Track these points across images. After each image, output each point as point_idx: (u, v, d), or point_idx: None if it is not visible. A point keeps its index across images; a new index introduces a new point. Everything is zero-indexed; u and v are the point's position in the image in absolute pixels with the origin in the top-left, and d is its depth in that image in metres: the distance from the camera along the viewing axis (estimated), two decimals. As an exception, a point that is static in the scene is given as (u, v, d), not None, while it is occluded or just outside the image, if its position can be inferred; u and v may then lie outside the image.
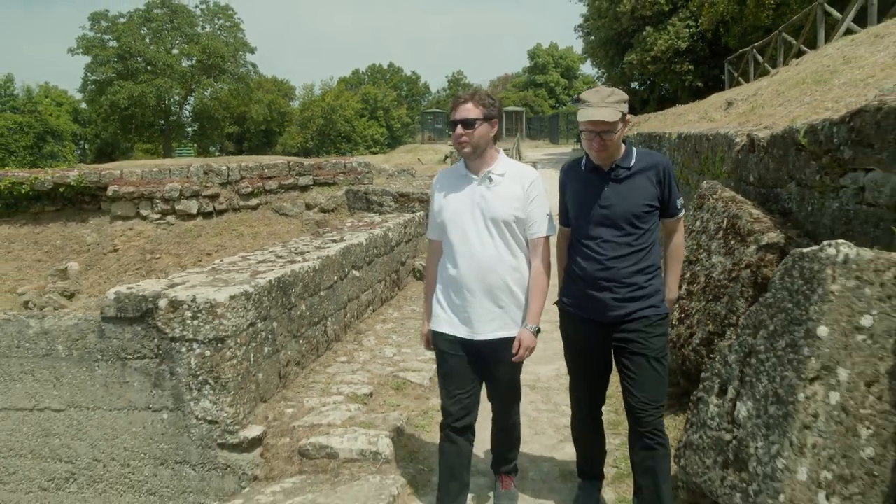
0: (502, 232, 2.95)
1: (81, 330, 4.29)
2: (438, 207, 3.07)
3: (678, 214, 3.02)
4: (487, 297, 2.95)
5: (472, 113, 2.88)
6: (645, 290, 2.89)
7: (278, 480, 3.84)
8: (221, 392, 4.05)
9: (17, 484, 4.63)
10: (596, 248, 2.89)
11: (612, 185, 2.88)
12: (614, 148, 2.82)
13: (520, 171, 3.05)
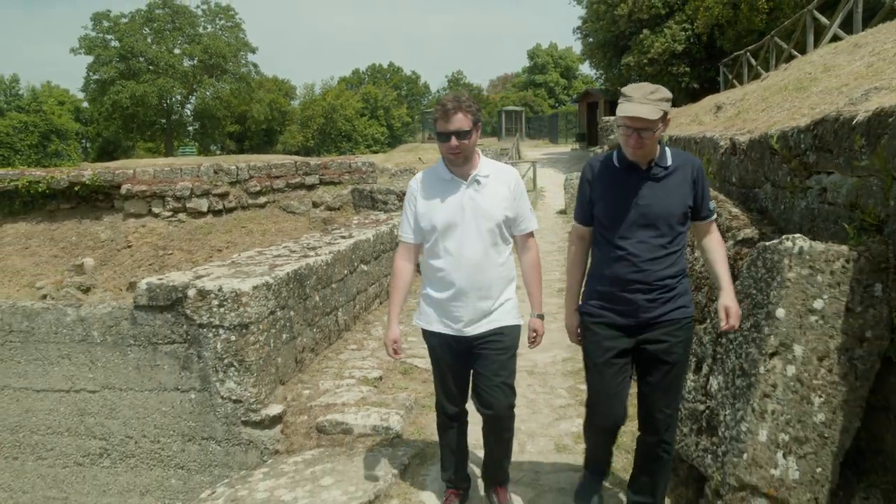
0: (492, 232, 3.02)
1: (115, 317, 4.67)
2: (424, 211, 3.06)
3: (711, 217, 2.93)
4: (479, 295, 3.02)
5: (465, 123, 2.92)
6: (675, 291, 2.83)
7: (299, 453, 4.22)
8: (245, 374, 4.43)
9: (54, 459, 5.01)
10: (629, 248, 2.78)
11: (650, 184, 2.77)
12: (652, 146, 2.72)
13: (502, 171, 3.13)
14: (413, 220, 3.12)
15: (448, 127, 2.91)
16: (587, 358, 3.03)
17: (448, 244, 3.01)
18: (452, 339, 3.08)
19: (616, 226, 2.81)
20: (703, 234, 2.95)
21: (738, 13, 18.12)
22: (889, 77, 5.05)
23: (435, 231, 3.02)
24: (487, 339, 3.05)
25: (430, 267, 3.11)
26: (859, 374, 2.90)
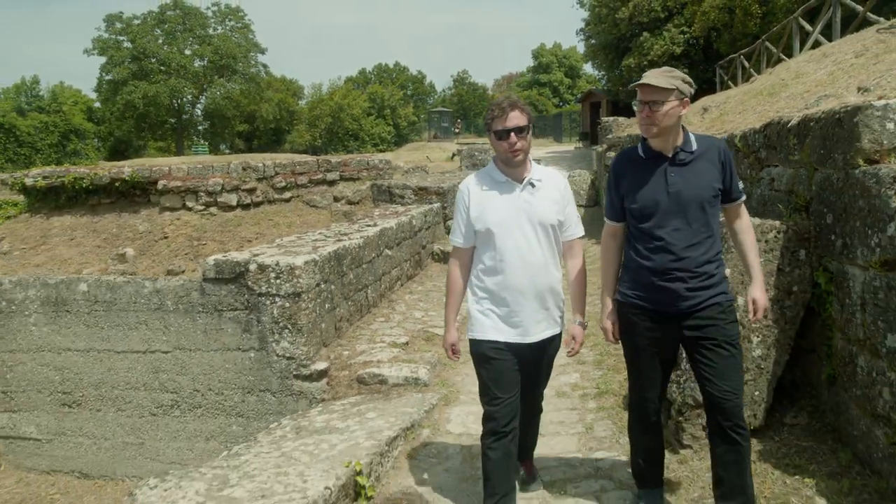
0: (548, 236, 2.98)
1: (186, 289, 5.57)
2: (478, 214, 2.99)
3: (741, 198, 2.93)
4: (538, 300, 2.97)
5: (523, 120, 2.90)
6: (714, 278, 2.81)
7: (344, 398, 5.11)
8: (297, 335, 5.33)
9: (132, 410, 5.92)
10: (667, 238, 2.77)
11: (678, 170, 2.77)
12: (665, 125, 2.69)
13: (552, 176, 3.12)
14: (465, 225, 3.04)
15: (506, 124, 2.88)
16: (628, 348, 3.04)
17: (505, 248, 2.95)
18: (508, 346, 2.99)
19: (650, 216, 2.79)
20: (732, 217, 2.96)
21: (734, 17, 18.96)
22: (841, 85, 5.93)
23: (490, 234, 2.96)
24: (542, 347, 3.05)
25: (485, 272, 3.03)
26: (787, 319, 3.77)
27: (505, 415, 3.00)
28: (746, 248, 2.96)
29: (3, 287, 6.06)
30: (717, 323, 2.81)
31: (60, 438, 6.16)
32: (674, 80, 2.66)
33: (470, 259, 3.11)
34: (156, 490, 3.28)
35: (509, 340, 2.99)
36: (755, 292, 2.90)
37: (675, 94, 2.65)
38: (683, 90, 2.69)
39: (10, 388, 6.17)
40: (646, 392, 3.05)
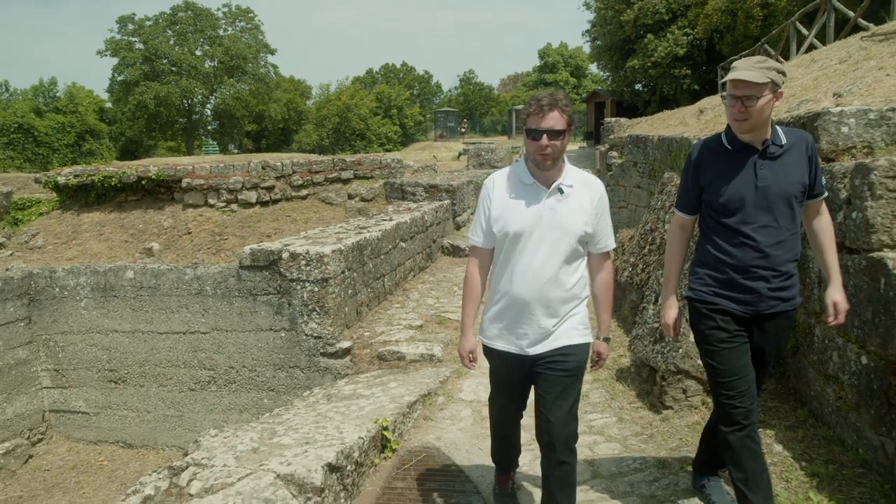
0: (569, 246, 2.77)
1: (224, 275, 6.17)
2: (498, 215, 2.82)
3: (823, 194, 2.77)
4: (546, 312, 2.80)
5: (560, 122, 2.65)
6: (792, 279, 2.72)
7: (366, 372, 5.70)
8: (324, 317, 5.91)
9: (172, 386, 6.52)
10: (752, 234, 2.64)
11: (768, 163, 2.63)
12: (758, 120, 2.57)
13: (587, 182, 2.86)
14: (486, 224, 2.88)
15: (541, 124, 2.64)
16: (706, 346, 2.85)
17: (519, 255, 2.79)
18: (515, 358, 2.87)
19: (735, 211, 2.66)
20: (813, 213, 2.79)
21: (735, 20, 19.47)
22: (822, 90, 6.48)
23: (507, 238, 2.80)
24: (551, 358, 2.81)
25: (498, 277, 2.90)
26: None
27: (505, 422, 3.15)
28: (825, 247, 2.79)
29: (57, 275, 6.68)
30: (775, 332, 2.80)
31: (107, 412, 6.77)
32: (769, 73, 2.50)
33: (489, 260, 2.95)
34: (217, 437, 3.87)
35: (513, 351, 2.86)
36: (835, 294, 2.74)
37: (770, 87, 2.51)
38: (778, 81, 2.53)
39: (62, 367, 6.79)
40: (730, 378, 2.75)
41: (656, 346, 4.62)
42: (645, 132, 10.63)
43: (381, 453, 4.17)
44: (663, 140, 8.89)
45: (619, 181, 11.36)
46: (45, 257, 11.58)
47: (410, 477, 3.94)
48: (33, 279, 6.75)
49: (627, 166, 10.80)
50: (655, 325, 4.72)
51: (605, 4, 24.71)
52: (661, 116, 12.71)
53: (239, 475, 3.40)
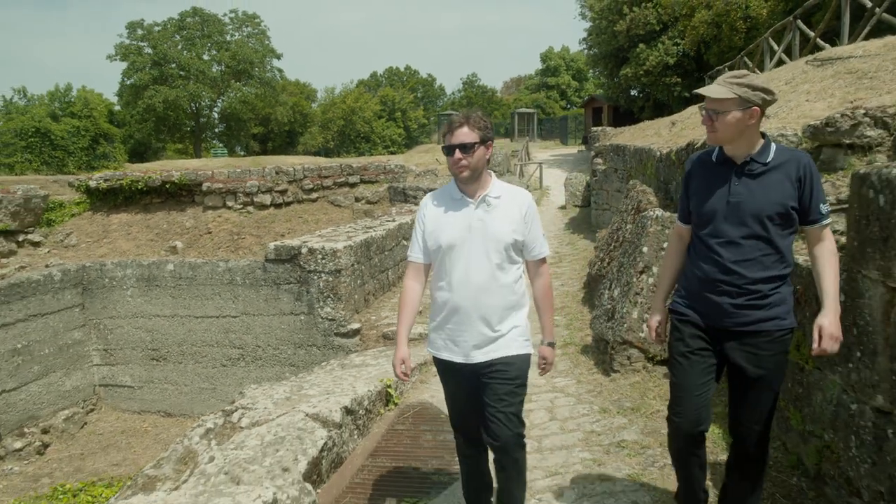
0: (501, 255, 2.89)
1: (252, 267, 7.26)
2: (432, 230, 2.96)
3: (822, 221, 2.58)
4: (484, 321, 2.89)
5: (469, 137, 2.84)
6: (769, 300, 2.59)
7: (372, 349, 6.79)
8: (338, 302, 7.00)
9: (207, 362, 7.61)
10: (718, 248, 2.63)
11: (745, 179, 2.60)
12: (726, 134, 2.56)
13: (514, 194, 3.00)
14: (421, 240, 3.02)
15: (452, 140, 2.86)
16: (671, 355, 2.88)
17: (453, 265, 2.90)
18: (460, 366, 2.96)
19: (706, 223, 2.68)
20: (813, 240, 2.63)
21: (721, 32, 20.49)
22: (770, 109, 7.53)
23: (441, 251, 2.92)
24: (494, 367, 2.91)
25: (436, 289, 3.01)
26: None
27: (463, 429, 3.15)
28: (823, 274, 2.60)
29: (107, 267, 7.78)
30: (757, 352, 2.62)
31: (149, 385, 7.87)
32: (737, 89, 2.50)
33: (426, 275, 3.07)
34: (258, 389, 4.95)
35: (456, 360, 2.95)
36: (823, 319, 2.54)
37: (737, 103, 2.50)
38: (751, 98, 2.49)
39: (110, 347, 7.89)
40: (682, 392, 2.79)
41: (608, 322, 5.70)
42: (625, 141, 11.70)
43: (385, 405, 5.25)
44: (637, 150, 9.96)
45: (602, 185, 12.43)
46: (78, 254, 12.70)
47: (408, 422, 5.03)
48: (86, 271, 7.85)
49: (609, 172, 11.87)
50: (608, 307, 5.80)
51: (600, 15, 25.79)
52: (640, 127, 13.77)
53: (277, 414, 4.49)
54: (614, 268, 6.03)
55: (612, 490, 3.71)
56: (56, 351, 7.57)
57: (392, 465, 4.41)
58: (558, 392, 5.37)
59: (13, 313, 7.17)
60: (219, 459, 3.92)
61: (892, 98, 5.04)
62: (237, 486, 3.57)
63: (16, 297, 7.18)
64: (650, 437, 4.32)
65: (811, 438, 3.40)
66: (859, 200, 2.81)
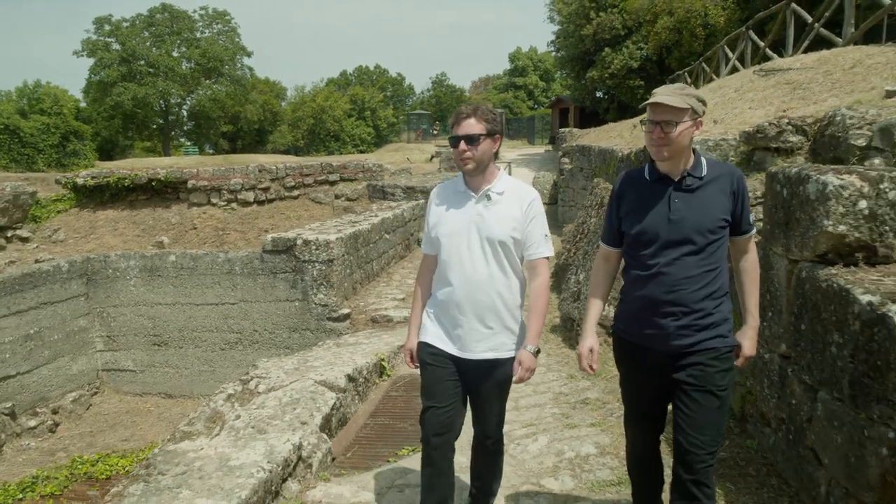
0: (497, 252, 2.84)
1: (250, 258, 7.87)
2: (434, 222, 2.96)
3: (751, 231, 2.65)
4: (477, 317, 2.85)
5: (476, 129, 2.80)
6: (713, 318, 2.56)
7: (363, 331, 7.46)
8: (330, 289, 7.65)
9: (206, 346, 8.19)
10: (662, 267, 2.55)
11: (683, 195, 2.55)
12: (678, 147, 2.48)
13: (519, 191, 2.94)
14: (427, 232, 3.05)
15: (458, 131, 2.83)
16: (620, 382, 2.89)
17: (451, 259, 2.88)
18: (448, 356, 2.93)
19: (647, 243, 2.59)
20: (739, 251, 2.69)
21: (682, 37, 21.54)
22: (715, 115, 8.37)
23: (440, 245, 2.92)
24: (484, 369, 2.90)
25: (436, 281, 3.02)
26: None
27: (434, 424, 2.93)
28: (746, 290, 2.70)
29: (111, 259, 8.31)
30: (705, 369, 2.56)
31: (151, 369, 8.42)
32: (688, 99, 2.46)
33: (435, 265, 3.04)
34: (269, 361, 5.60)
35: (449, 352, 2.92)
36: (744, 339, 2.69)
37: (690, 114, 2.46)
38: (698, 109, 2.49)
39: (114, 333, 8.42)
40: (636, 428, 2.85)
41: (574, 303, 6.47)
42: (590, 142, 12.53)
43: (380, 377, 5.95)
44: (602, 150, 10.79)
45: (569, 184, 13.26)
46: (66, 249, 13.09)
47: (401, 390, 5.73)
48: (90, 263, 8.36)
49: (575, 171, 12.70)
50: (574, 290, 6.57)
51: (568, 19, 26.72)
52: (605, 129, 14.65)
53: (290, 381, 5.15)
54: (580, 256, 6.80)
55: (578, 435, 4.47)
56: (64, 337, 8.08)
57: (390, 422, 5.11)
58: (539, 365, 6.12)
59: (26, 301, 7.66)
60: (244, 417, 4.58)
61: (816, 108, 5.89)
62: (264, 435, 4.23)
63: (28, 286, 7.66)
64: (610, 395, 5.10)
65: (738, 387, 4.20)
66: (770, 193, 3.61)
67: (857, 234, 2.91)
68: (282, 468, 3.82)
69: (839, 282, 2.82)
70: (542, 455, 4.26)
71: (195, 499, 3.32)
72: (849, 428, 2.77)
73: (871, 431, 2.59)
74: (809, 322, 3.10)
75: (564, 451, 4.26)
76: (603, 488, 3.75)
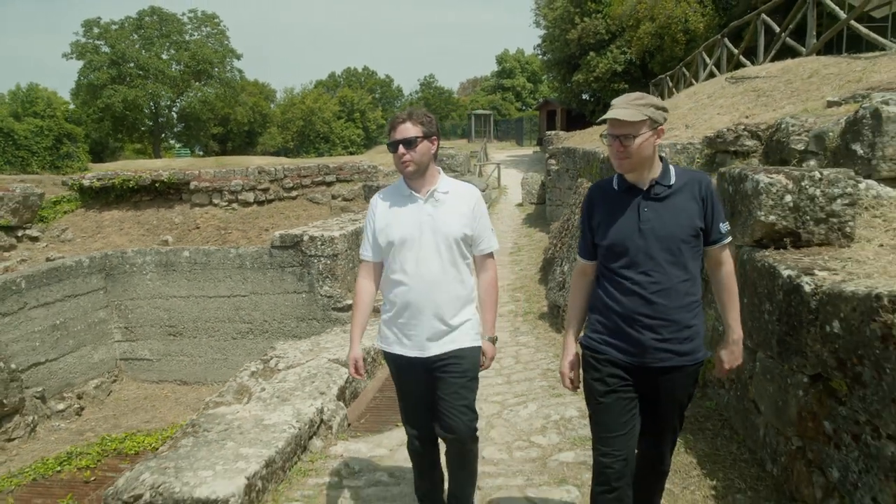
0: (451, 249, 2.92)
1: (260, 253, 8.49)
2: (382, 227, 2.98)
3: (723, 241, 2.59)
4: (436, 315, 2.91)
5: (412, 132, 2.85)
6: (689, 332, 2.53)
7: (366, 319, 8.09)
8: (335, 282, 8.28)
9: (219, 336, 8.80)
10: (637, 279, 2.50)
11: (652, 205, 2.51)
12: (639, 158, 2.46)
13: (463, 189, 3.03)
14: (372, 238, 3.05)
15: (395, 136, 2.87)
16: (589, 397, 2.72)
17: (405, 261, 2.92)
18: (412, 360, 2.96)
19: (620, 255, 2.54)
20: (714, 262, 2.64)
21: (664, 42, 22.32)
22: (687, 120, 9.08)
23: (392, 247, 2.94)
24: (446, 361, 2.94)
25: (388, 285, 3.03)
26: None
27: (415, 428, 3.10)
28: (726, 305, 2.67)
29: (128, 255, 8.89)
30: (673, 386, 2.59)
31: (166, 358, 9.01)
32: (645, 110, 2.43)
33: (378, 273, 3.09)
34: (286, 344, 6.23)
35: (409, 354, 2.96)
36: (724, 353, 2.70)
37: (648, 125, 2.43)
38: (657, 118, 2.46)
39: (131, 325, 8.99)
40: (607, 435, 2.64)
41: (560, 291, 7.15)
42: (575, 144, 13.23)
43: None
44: (585, 152, 11.48)
45: (555, 184, 13.95)
46: (75, 248, 13.64)
47: (405, 369, 6.38)
48: (108, 259, 8.94)
49: (561, 172, 13.39)
50: (560, 279, 7.24)
51: (553, 24, 27.48)
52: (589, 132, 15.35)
53: (306, 360, 5.79)
54: (565, 249, 7.48)
55: (563, 402, 5.13)
56: (86, 328, 8.65)
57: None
58: (521, 346, 6.80)
59: (53, 293, 8.22)
60: (269, 389, 5.21)
61: (775, 115, 6.59)
62: (289, 403, 4.87)
63: (54, 280, 8.23)
64: (591, 369, 5.76)
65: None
66: (721, 190, 4.29)
67: (784, 222, 3.59)
68: (308, 427, 4.46)
69: (769, 261, 3.49)
70: (532, 418, 4.92)
71: (240, 448, 3.96)
72: (777, 379, 3.44)
73: (791, 379, 3.27)
74: (749, 296, 3.78)
75: (551, 414, 4.92)
76: (584, 442, 4.39)
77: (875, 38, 8.11)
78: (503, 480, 4.02)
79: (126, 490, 3.55)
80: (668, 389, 2.60)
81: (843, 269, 3.18)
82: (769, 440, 3.61)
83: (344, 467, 4.26)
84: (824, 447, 2.96)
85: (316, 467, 4.27)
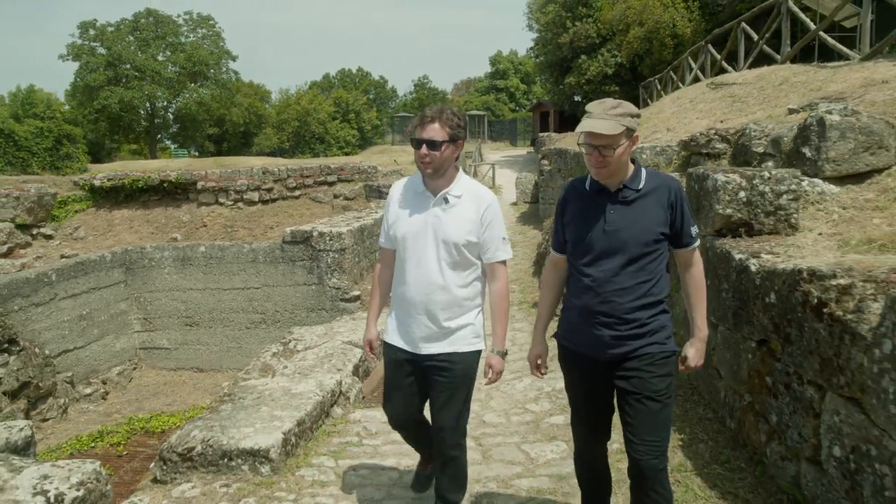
0: (451, 254, 2.89)
1: (272, 248, 9.09)
2: (393, 220, 3.02)
3: (693, 244, 2.66)
4: (429, 317, 2.91)
5: (439, 134, 2.81)
6: (649, 327, 2.55)
7: (372, 309, 8.72)
8: (343, 274, 8.90)
9: (234, 326, 9.40)
10: (596, 278, 2.55)
11: (620, 207, 2.55)
12: (617, 166, 2.50)
13: (477, 194, 2.97)
14: (386, 226, 3.09)
15: (422, 134, 2.84)
16: (566, 388, 2.91)
17: (408, 258, 2.94)
18: (408, 355, 3.01)
19: (583, 252, 2.61)
20: (683, 264, 2.72)
21: (652, 46, 23.02)
22: (669, 123, 9.74)
23: (397, 243, 2.99)
24: (438, 363, 2.95)
25: (395, 278, 3.09)
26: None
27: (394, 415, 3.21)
28: (693, 304, 2.74)
29: (147, 250, 9.49)
30: (641, 375, 2.57)
31: (184, 347, 9.60)
32: (622, 120, 2.45)
33: (393, 259, 3.09)
34: (302, 328, 6.84)
35: (406, 348, 3.00)
36: (688, 348, 2.75)
37: (626, 134, 2.46)
38: (633, 126, 2.49)
39: (150, 316, 9.58)
40: (581, 432, 2.86)
41: (552, 282, 7.78)
42: (566, 146, 13.89)
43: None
44: (577, 153, 12.12)
45: (548, 183, 14.60)
46: (87, 246, 14.19)
47: (410, 352, 7.01)
48: (128, 254, 9.52)
49: (554, 172, 14.04)
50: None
51: (546, 28, 28.14)
52: (580, 133, 15.97)
53: (322, 342, 6.41)
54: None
55: (555, 377, 5.68)
56: (109, 318, 9.24)
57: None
58: (517, 331, 7.44)
59: (79, 285, 8.80)
60: (290, 367, 5.83)
61: (747, 119, 7.25)
62: (311, 377, 5.49)
63: (80, 273, 8.80)
64: (579, 349, 6.41)
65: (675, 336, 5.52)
66: (688, 188, 4.94)
67: (739, 214, 4.23)
68: (330, 395, 5.09)
69: (726, 247, 4.14)
70: (527, 390, 5.56)
71: (273, 411, 4.58)
72: (733, 346, 4.09)
73: (743, 346, 3.92)
74: (712, 278, 4.42)
75: (543, 387, 5.56)
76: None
77: (841, 49, 8.78)
78: (501, 439, 4.66)
79: (180, 444, 4.16)
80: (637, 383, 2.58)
81: (784, 252, 3.83)
82: (728, 400, 4.26)
83: (363, 429, 4.89)
84: (767, 398, 3.61)
85: (338, 430, 4.89)
